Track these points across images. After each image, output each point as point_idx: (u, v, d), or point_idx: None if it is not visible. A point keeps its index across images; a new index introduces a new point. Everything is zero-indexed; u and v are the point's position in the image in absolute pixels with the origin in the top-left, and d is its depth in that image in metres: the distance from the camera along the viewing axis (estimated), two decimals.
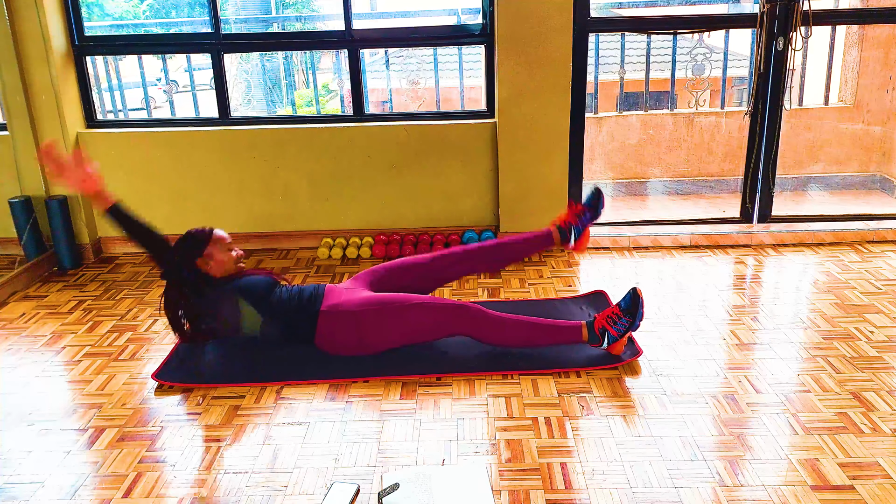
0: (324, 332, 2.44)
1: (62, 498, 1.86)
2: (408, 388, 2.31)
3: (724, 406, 2.15)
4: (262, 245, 3.73)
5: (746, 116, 3.53)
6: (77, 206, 3.59)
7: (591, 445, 1.98)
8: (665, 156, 5.20)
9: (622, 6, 5.12)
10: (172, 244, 2.51)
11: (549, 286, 3.12)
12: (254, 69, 6.63)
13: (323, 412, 2.20)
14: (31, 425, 2.19)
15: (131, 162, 3.62)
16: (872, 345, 2.50)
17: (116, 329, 2.84)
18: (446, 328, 2.44)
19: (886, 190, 4.98)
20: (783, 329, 2.63)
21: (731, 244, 3.53)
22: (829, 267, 3.23)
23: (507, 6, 3.21)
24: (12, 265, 3.39)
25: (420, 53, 5.06)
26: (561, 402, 2.20)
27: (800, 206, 4.89)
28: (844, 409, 2.12)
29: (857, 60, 4.98)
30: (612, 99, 5.60)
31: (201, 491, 1.85)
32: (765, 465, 1.88)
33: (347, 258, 3.53)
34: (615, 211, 5.05)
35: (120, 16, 6.53)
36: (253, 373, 2.42)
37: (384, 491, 1.78)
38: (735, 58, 5.41)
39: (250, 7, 6.62)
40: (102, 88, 4.00)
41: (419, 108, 5.13)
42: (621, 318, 2.36)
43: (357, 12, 3.55)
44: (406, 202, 3.65)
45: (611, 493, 1.79)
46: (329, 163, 3.59)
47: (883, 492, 1.77)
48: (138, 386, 2.40)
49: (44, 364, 2.57)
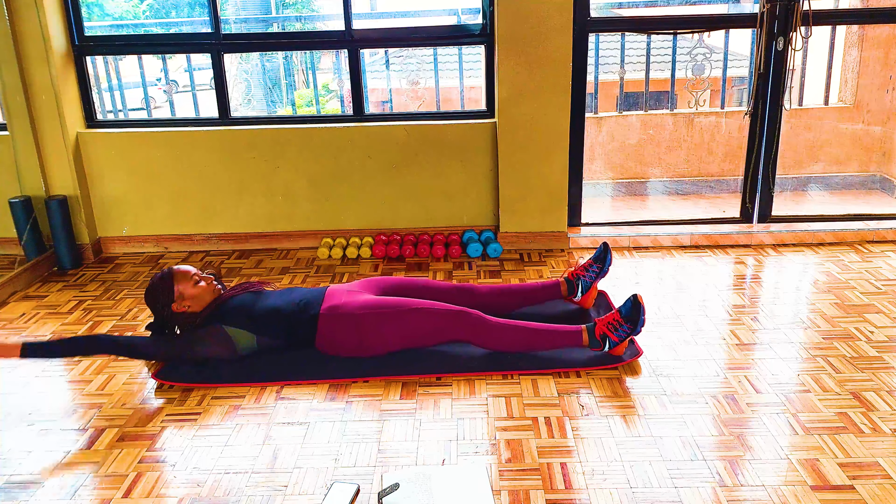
0: (324, 335, 2.44)
1: (62, 498, 1.86)
2: (408, 388, 2.31)
3: (724, 406, 2.15)
4: (262, 245, 3.73)
5: (746, 116, 3.53)
6: (77, 206, 3.59)
7: (591, 445, 1.98)
8: (665, 156, 5.20)
9: (622, 6, 5.12)
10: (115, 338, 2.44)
11: None
12: (254, 69, 6.63)
13: (323, 412, 2.20)
14: (31, 425, 2.19)
15: (131, 162, 3.62)
16: (872, 345, 2.50)
17: (116, 329, 2.84)
18: (446, 334, 2.44)
19: (886, 190, 4.98)
20: (783, 329, 2.63)
21: (731, 244, 3.53)
22: (829, 267, 3.22)
23: (507, 6, 3.21)
24: (12, 265, 3.39)
25: (420, 53, 5.06)
26: (561, 402, 2.20)
27: (800, 206, 4.89)
28: (844, 409, 2.12)
29: (857, 60, 4.98)
30: (612, 99, 5.60)
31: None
32: (765, 465, 1.88)
33: (347, 258, 3.53)
34: (615, 211, 5.05)
35: (120, 16, 6.53)
36: (253, 373, 2.42)
37: (384, 491, 1.78)
38: (735, 58, 5.41)
39: (250, 7, 6.62)
40: (102, 88, 4.00)
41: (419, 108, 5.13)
42: (622, 324, 2.37)
43: (357, 12, 3.55)
44: (406, 202, 3.65)
45: (611, 493, 1.79)
46: (329, 163, 3.59)
47: (883, 492, 1.77)
48: (138, 386, 2.40)
49: (44, 364, 2.57)
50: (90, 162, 3.62)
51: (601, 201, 5.22)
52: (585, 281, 2.74)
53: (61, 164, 3.53)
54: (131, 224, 3.72)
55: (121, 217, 3.71)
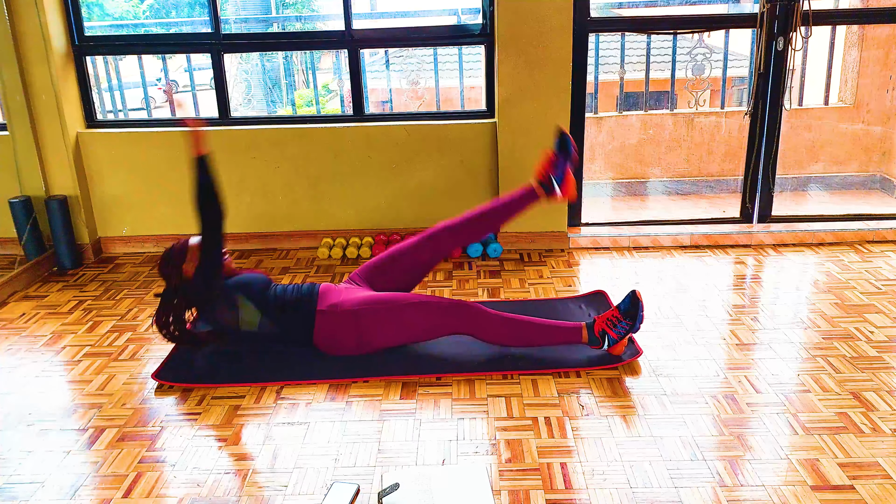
0: (322, 332, 2.44)
1: (62, 498, 1.86)
2: (408, 388, 2.31)
3: (724, 406, 2.15)
4: (262, 245, 3.73)
5: (746, 116, 3.53)
6: (77, 206, 3.59)
7: (591, 445, 1.98)
8: (665, 156, 5.20)
9: (622, 6, 5.12)
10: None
11: (549, 286, 3.12)
12: (254, 69, 6.63)
13: (323, 412, 2.20)
14: (30, 425, 2.19)
15: (131, 162, 3.62)
16: (872, 345, 2.50)
17: (116, 329, 2.84)
18: (446, 327, 2.43)
19: (886, 190, 4.98)
20: (783, 329, 2.63)
21: (731, 244, 3.53)
22: (829, 267, 3.23)
23: (507, 6, 3.22)
24: (12, 265, 3.39)
25: (420, 53, 5.06)
26: (561, 402, 2.20)
27: (800, 206, 4.88)
28: (844, 409, 2.11)
29: (857, 60, 4.98)
30: (612, 99, 5.60)
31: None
32: (765, 465, 1.88)
33: (347, 258, 3.53)
34: (615, 211, 5.05)
35: (120, 16, 6.53)
36: (253, 373, 2.42)
37: (384, 491, 1.78)
38: (735, 58, 5.41)
39: (250, 7, 6.63)
40: (102, 88, 4.00)
41: (419, 108, 5.13)
42: (621, 321, 2.36)
43: (357, 12, 3.55)
44: (406, 202, 3.65)
45: (611, 493, 1.79)
46: (329, 163, 3.59)
47: (883, 492, 1.77)
48: (138, 386, 2.40)
49: (44, 364, 2.58)
50: (90, 162, 3.62)
51: (601, 201, 5.22)
52: (557, 175, 2.56)
53: (61, 164, 3.53)
54: (131, 224, 3.73)
55: (121, 217, 3.71)
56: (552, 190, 2.57)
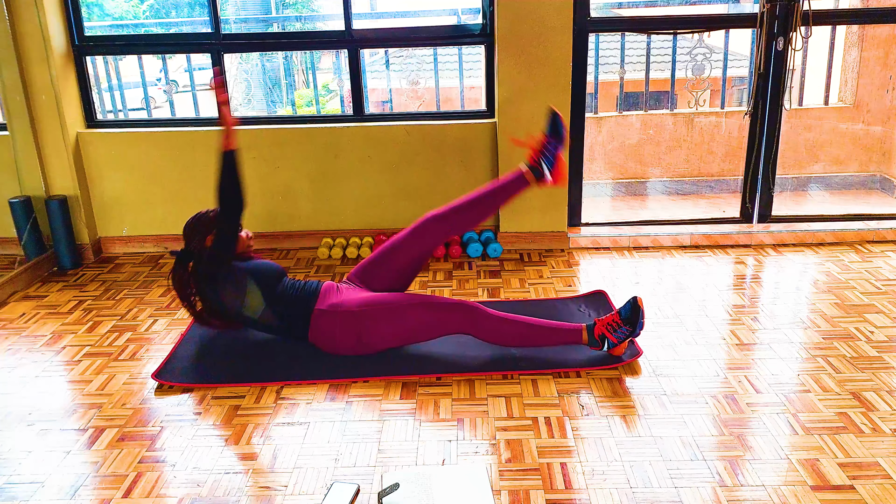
0: (319, 331, 2.45)
1: (62, 498, 1.86)
2: (408, 388, 2.31)
3: (724, 406, 2.15)
4: (262, 245, 3.72)
5: (746, 116, 3.53)
6: (77, 206, 3.59)
7: (591, 445, 1.98)
8: (665, 156, 5.20)
9: (622, 6, 5.11)
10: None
11: (549, 286, 3.12)
12: (254, 69, 6.63)
13: (323, 412, 2.20)
14: (31, 425, 2.19)
15: (131, 162, 3.62)
16: (872, 345, 2.50)
17: (116, 329, 2.84)
18: (446, 326, 2.43)
19: (886, 190, 4.98)
20: (783, 329, 2.63)
21: (731, 244, 3.53)
22: (829, 267, 3.22)
23: (507, 6, 3.22)
24: (12, 265, 3.39)
25: (420, 53, 5.06)
26: (561, 402, 2.20)
27: (800, 206, 4.88)
28: (844, 409, 2.11)
29: (857, 60, 4.98)
30: (612, 99, 5.60)
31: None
32: (765, 465, 1.88)
33: (347, 258, 3.53)
34: (615, 211, 5.05)
35: (120, 16, 6.53)
36: (253, 373, 2.42)
37: (384, 491, 1.78)
38: (735, 58, 5.41)
39: (250, 7, 6.63)
40: (102, 88, 4.00)
41: (419, 108, 5.13)
42: (621, 326, 2.36)
43: (357, 12, 3.55)
44: (406, 202, 3.64)
45: (611, 493, 1.79)
46: (329, 163, 3.59)
47: (883, 492, 1.77)
48: (138, 386, 2.40)
49: (44, 364, 2.58)
50: (90, 162, 3.62)
51: (601, 201, 5.22)
52: (548, 159, 2.52)
53: (61, 164, 3.53)
54: (131, 224, 3.73)
55: (121, 217, 3.71)
56: (542, 175, 2.52)
